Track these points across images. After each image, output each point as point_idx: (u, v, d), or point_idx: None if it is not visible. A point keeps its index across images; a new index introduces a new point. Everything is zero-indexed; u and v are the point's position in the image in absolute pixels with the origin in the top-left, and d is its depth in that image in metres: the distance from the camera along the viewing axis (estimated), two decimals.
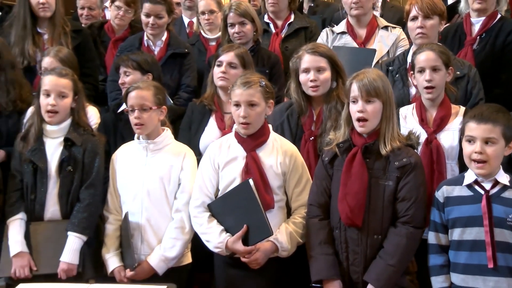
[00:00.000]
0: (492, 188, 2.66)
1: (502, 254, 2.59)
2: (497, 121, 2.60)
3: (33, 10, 4.18)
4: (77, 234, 3.16)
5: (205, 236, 3.02)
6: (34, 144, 3.23)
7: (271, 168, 3.00)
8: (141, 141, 3.22)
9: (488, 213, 2.62)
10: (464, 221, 2.68)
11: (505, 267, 2.59)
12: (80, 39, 4.33)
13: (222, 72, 3.46)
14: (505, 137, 2.61)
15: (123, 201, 3.25)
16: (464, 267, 2.68)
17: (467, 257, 2.67)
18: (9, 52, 3.86)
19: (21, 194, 3.26)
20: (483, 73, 3.44)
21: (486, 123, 2.60)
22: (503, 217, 2.60)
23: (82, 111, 3.37)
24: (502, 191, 2.65)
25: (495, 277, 2.60)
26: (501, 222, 2.61)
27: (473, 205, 2.66)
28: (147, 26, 4.17)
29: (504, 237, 2.60)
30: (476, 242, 2.64)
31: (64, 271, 3.12)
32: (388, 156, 2.80)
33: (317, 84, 3.21)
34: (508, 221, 2.60)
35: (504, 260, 2.59)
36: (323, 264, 2.85)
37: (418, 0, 3.50)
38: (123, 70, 3.71)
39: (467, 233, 2.67)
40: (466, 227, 2.67)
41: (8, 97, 3.64)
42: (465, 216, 2.68)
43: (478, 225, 2.63)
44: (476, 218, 2.64)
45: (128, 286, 2.66)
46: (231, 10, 3.97)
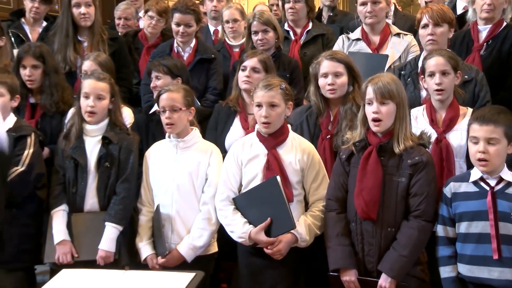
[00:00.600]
0: (497, 185, 2.66)
1: (506, 246, 2.59)
2: (498, 122, 2.60)
3: (75, 20, 4.23)
4: (114, 225, 3.19)
5: (229, 227, 3.04)
6: (75, 142, 3.28)
7: (290, 164, 3.01)
8: (172, 139, 3.24)
9: (493, 208, 2.61)
10: (470, 215, 2.68)
11: (509, 258, 2.59)
12: (116, 46, 4.36)
13: (246, 76, 3.47)
14: (507, 137, 2.61)
15: (155, 195, 3.27)
16: (470, 258, 2.67)
17: (473, 249, 2.66)
18: (53, 59, 3.92)
19: (64, 188, 3.30)
20: (490, 77, 3.43)
21: (488, 125, 2.60)
22: (507, 212, 2.60)
23: (118, 112, 3.39)
24: (507, 188, 2.64)
25: (500, 268, 2.59)
26: (505, 217, 2.60)
27: (479, 201, 2.66)
28: (177, 34, 4.18)
29: (508, 230, 2.60)
30: (481, 235, 2.63)
31: (102, 258, 3.17)
32: (401, 154, 2.81)
33: (334, 88, 3.22)
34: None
35: (508, 251, 2.59)
36: (340, 254, 2.86)
37: (429, 9, 3.50)
38: (154, 74, 3.72)
39: (473, 227, 2.66)
40: (472, 221, 2.67)
41: (52, 99, 3.71)
42: (471, 211, 2.68)
43: (484, 219, 2.63)
44: (481, 212, 2.64)
45: (159, 273, 2.68)
46: (254, 19, 3.97)
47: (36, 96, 3.78)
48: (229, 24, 4.45)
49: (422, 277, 2.89)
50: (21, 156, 3.21)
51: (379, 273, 2.80)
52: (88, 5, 4.22)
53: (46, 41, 4.26)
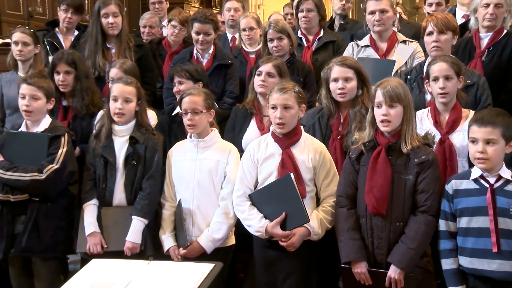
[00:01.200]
0: (496, 182, 2.65)
1: (505, 240, 2.58)
2: (496, 124, 2.59)
3: (103, 29, 4.26)
4: (140, 218, 3.21)
5: (246, 221, 3.04)
6: (105, 141, 3.30)
7: (303, 163, 3.01)
8: (193, 139, 3.24)
9: (492, 204, 2.61)
10: (471, 211, 2.67)
11: (508, 251, 2.58)
12: (142, 53, 4.38)
13: (262, 81, 3.46)
14: (505, 138, 2.60)
15: (177, 190, 3.28)
16: (471, 251, 2.66)
17: (474, 243, 2.65)
18: (84, 65, 3.94)
19: (94, 184, 3.32)
20: (491, 81, 3.41)
21: (486, 126, 2.60)
22: (506, 208, 2.59)
23: (144, 114, 3.41)
24: (505, 185, 2.63)
25: (499, 260, 2.58)
26: (504, 212, 2.59)
27: (479, 197, 2.65)
28: (197, 42, 4.18)
29: (507, 225, 2.59)
30: (481, 229, 2.62)
31: (129, 249, 3.19)
32: (408, 153, 2.80)
33: (344, 92, 3.21)
34: (511, 211, 2.58)
35: (507, 245, 2.58)
36: (351, 248, 2.85)
37: (433, 18, 3.48)
38: (177, 79, 3.71)
39: (474, 222, 2.65)
40: (473, 216, 2.66)
41: (83, 102, 3.73)
42: (472, 207, 2.67)
43: (484, 215, 2.62)
44: (481, 208, 2.63)
45: (181, 263, 2.69)
46: (270, 27, 3.96)
47: (68, 99, 3.80)
48: (246, 32, 4.46)
49: (427, 268, 2.89)
50: (56, 154, 3.25)
51: (388, 265, 2.80)
52: (116, 15, 4.25)
53: (78, 49, 4.31)
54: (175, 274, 2.03)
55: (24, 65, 4.19)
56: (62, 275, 3.43)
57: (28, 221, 3.27)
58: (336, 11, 5.64)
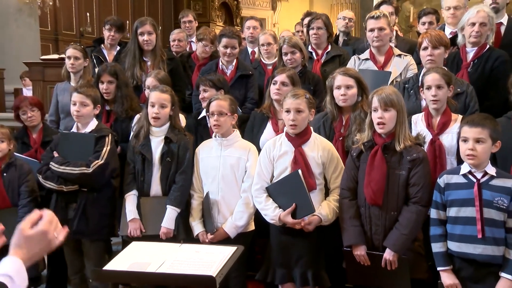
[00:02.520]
0: (482, 177, 2.63)
1: (488, 228, 2.57)
2: (485, 125, 2.59)
3: (140, 45, 4.30)
4: (173, 207, 3.23)
5: (263, 211, 3.06)
6: (143, 141, 3.32)
7: (313, 159, 3.01)
8: (217, 138, 3.25)
9: (478, 197, 2.60)
10: (460, 202, 2.66)
11: (491, 237, 2.57)
12: (173, 65, 4.40)
13: (277, 89, 3.46)
14: (492, 138, 2.59)
15: (204, 184, 3.29)
16: (459, 237, 2.65)
17: (462, 230, 2.64)
18: (124, 75, 3.98)
19: (134, 177, 3.35)
20: (475, 90, 3.39)
21: (476, 127, 2.59)
22: (490, 200, 2.58)
23: (177, 118, 3.43)
24: (490, 180, 2.62)
25: (483, 245, 2.58)
26: (488, 204, 2.58)
27: (467, 190, 2.64)
28: (225, 55, 4.18)
29: (491, 215, 2.58)
30: (468, 218, 2.62)
31: (164, 234, 3.21)
32: (402, 152, 2.80)
33: (346, 98, 3.20)
34: (494, 203, 2.57)
35: (490, 232, 2.57)
36: (352, 234, 2.87)
37: (428, 35, 3.46)
38: (202, 88, 3.72)
39: (462, 211, 2.64)
40: (461, 206, 2.65)
41: (123, 107, 3.77)
42: (460, 198, 2.66)
43: (471, 205, 2.61)
44: (469, 200, 2.62)
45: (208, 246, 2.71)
46: (284, 42, 3.96)
47: (111, 104, 3.85)
48: (264, 47, 4.45)
49: (419, 251, 2.89)
50: (101, 152, 3.28)
51: (384, 248, 2.81)
52: (150, 33, 4.28)
53: (119, 62, 4.36)
54: (203, 255, 2.03)
55: (75, 76, 4.27)
56: (107, 254, 3.46)
57: (78, 208, 3.31)
58: (340, 29, 5.61)
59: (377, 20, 3.85)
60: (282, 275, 3.03)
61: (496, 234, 2.57)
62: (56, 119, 4.32)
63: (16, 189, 3.43)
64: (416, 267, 2.86)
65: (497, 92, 3.55)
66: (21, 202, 3.41)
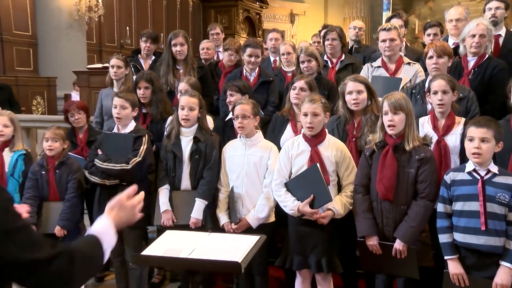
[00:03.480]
0: (485, 175, 2.59)
1: (491, 221, 2.53)
2: (490, 126, 2.55)
3: (173, 55, 4.31)
4: (202, 200, 3.24)
5: (282, 203, 3.03)
6: (174, 140, 3.33)
7: (328, 158, 2.98)
8: (242, 139, 3.24)
9: (482, 192, 2.56)
10: (465, 197, 2.62)
11: (493, 229, 2.53)
12: (202, 72, 4.40)
13: (296, 94, 3.44)
14: (495, 139, 2.55)
15: (230, 179, 3.28)
16: (464, 229, 2.61)
17: (466, 222, 2.60)
18: (159, 82, 3.99)
19: (166, 173, 3.35)
20: (476, 95, 3.34)
21: (482, 127, 2.55)
22: (493, 195, 2.54)
23: (205, 119, 3.42)
24: (493, 177, 2.57)
25: (486, 236, 2.54)
26: (491, 199, 2.54)
27: (472, 186, 2.60)
28: (249, 63, 4.17)
29: (493, 209, 2.53)
30: (473, 212, 2.58)
31: (193, 223, 3.22)
32: (410, 151, 2.77)
33: (357, 102, 3.16)
34: (497, 198, 2.53)
35: (492, 225, 2.53)
36: (365, 225, 2.84)
37: (433, 45, 3.43)
38: (229, 92, 3.72)
39: (467, 206, 2.60)
40: (466, 201, 2.61)
41: (158, 110, 3.79)
42: (465, 194, 2.62)
43: (475, 200, 2.57)
44: (473, 195, 2.58)
45: (233, 235, 2.71)
46: (302, 52, 3.94)
47: (147, 108, 3.86)
48: (284, 56, 4.43)
49: (426, 241, 2.86)
50: (139, 150, 3.29)
51: (394, 239, 2.78)
52: (182, 44, 4.29)
53: (154, 70, 4.37)
54: (230, 243, 2.03)
55: (118, 83, 4.31)
56: (144, 241, 3.49)
57: None
58: (351, 38, 5.57)
59: (388, 32, 3.82)
60: (299, 261, 3.01)
61: (498, 227, 2.54)
62: (101, 121, 4.36)
63: (65, 185, 3.47)
64: (423, 256, 2.83)
65: (495, 97, 3.53)
66: (67, 197, 3.45)
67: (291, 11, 14.52)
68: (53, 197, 3.45)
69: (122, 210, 1.48)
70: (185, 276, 3.41)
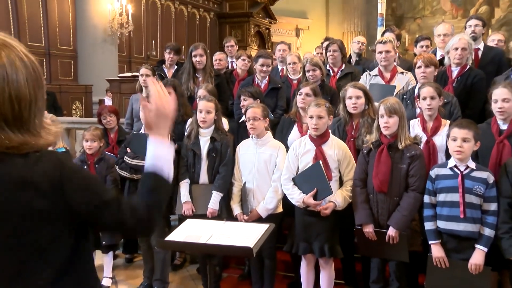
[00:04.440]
0: (465, 170, 2.62)
1: (469, 209, 2.58)
2: (470, 128, 2.59)
3: (194, 65, 4.31)
4: (218, 192, 3.24)
5: (290, 196, 3.03)
6: (194, 140, 3.33)
7: (331, 156, 2.98)
8: (253, 139, 3.24)
9: (462, 185, 2.59)
10: (447, 189, 2.65)
11: (471, 217, 2.59)
12: (219, 80, 4.40)
13: (302, 99, 3.43)
14: (474, 139, 2.59)
15: (243, 175, 3.27)
16: (446, 217, 2.65)
17: (448, 211, 2.64)
18: (180, 88, 4.01)
19: (187, 169, 3.35)
20: (458, 100, 3.35)
21: (464, 129, 2.58)
22: (470, 188, 2.59)
23: (220, 121, 3.42)
24: (471, 172, 2.61)
25: (464, 223, 2.59)
26: (469, 191, 2.59)
27: (453, 180, 2.63)
28: (261, 71, 4.17)
29: (471, 199, 2.58)
30: (453, 202, 2.62)
31: (210, 213, 3.22)
32: (403, 149, 2.78)
33: (356, 106, 3.16)
34: (474, 190, 2.58)
35: (470, 213, 2.58)
36: (362, 215, 2.85)
37: (421, 57, 3.44)
38: (242, 97, 3.72)
39: (449, 197, 2.63)
40: (448, 193, 2.64)
41: (179, 113, 3.76)
42: (447, 186, 2.64)
43: (456, 192, 2.61)
44: (454, 188, 2.61)
45: (245, 224, 2.71)
46: (308, 62, 3.93)
47: None
48: (291, 65, 4.41)
49: (415, 228, 2.86)
50: None
51: (388, 227, 2.78)
52: (201, 55, 4.28)
53: (177, 78, 4.38)
54: (242, 231, 2.05)
55: (146, 89, 4.33)
56: (167, 227, 3.49)
57: None
58: (354, 50, 5.55)
59: (384, 45, 3.80)
60: (304, 247, 3.01)
61: (475, 215, 2.59)
62: (131, 122, 4.41)
63: (103, 178, 3.51)
64: (413, 241, 2.83)
65: (475, 102, 3.55)
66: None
67: (296, 26, 14.50)
68: None
69: (158, 120, 1.21)
70: (203, 259, 3.42)
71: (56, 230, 1.07)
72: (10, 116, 1.02)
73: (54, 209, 1.05)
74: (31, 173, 1.02)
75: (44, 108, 1.12)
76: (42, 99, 1.09)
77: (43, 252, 1.05)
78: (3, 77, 1.01)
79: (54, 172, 1.05)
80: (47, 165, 1.05)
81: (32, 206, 1.02)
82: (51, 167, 1.05)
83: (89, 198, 1.09)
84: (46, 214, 1.04)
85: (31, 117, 1.06)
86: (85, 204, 1.09)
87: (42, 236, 1.05)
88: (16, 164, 1.02)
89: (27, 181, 1.02)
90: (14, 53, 1.04)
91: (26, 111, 1.04)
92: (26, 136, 1.05)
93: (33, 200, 1.02)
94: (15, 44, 1.06)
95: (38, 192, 1.02)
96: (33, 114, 1.06)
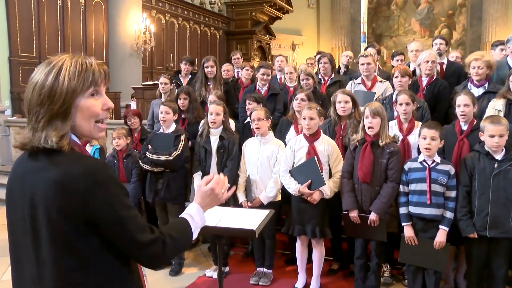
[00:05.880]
0: (431, 164, 2.62)
1: (434, 197, 2.60)
2: (437, 128, 2.61)
3: (205, 74, 4.28)
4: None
5: (287, 186, 3.01)
6: (205, 138, 3.32)
7: (321, 152, 2.96)
8: (258, 137, 3.22)
9: (428, 176, 2.60)
10: (417, 180, 2.65)
11: (435, 203, 2.61)
12: (227, 87, 4.37)
13: (298, 103, 3.40)
14: (440, 138, 2.60)
15: (247, 168, 3.25)
16: (415, 203, 2.66)
17: (418, 198, 2.65)
18: (194, 94, 3.98)
19: (199, 163, 3.34)
20: (428, 105, 3.35)
21: (432, 129, 2.59)
22: (436, 178, 2.61)
23: (228, 122, 3.39)
24: (437, 165, 2.63)
25: (430, 208, 2.62)
26: (435, 181, 2.61)
27: (422, 172, 2.64)
28: (262, 80, 4.15)
29: (436, 188, 2.60)
30: (422, 191, 2.63)
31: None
32: (383, 146, 2.76)
33: (345, 109, 3.13)
34: (438, 181, 2.60)
35: (435, 200, 2.60)
36: (349, 202, 2.84)
37: (398, 68, 3.43)
38: (247, 102, 3.68)
39: (418, 186, 2.64)
40: (418, 183, 2.65)
41: (193, 115, 3.78)
42: (417, 177, 2.65)
43: (424, 182, 2.62)
44: (422, 179, 2.63)
45: (249, 210, 2.70)
46: (302, 72, 3.91)
47: (185, 113, 3.85)
48: (288, 75, 4.39)
49: (393, 213, 2.83)
50: (178, 145, 3.29)
51: (369, 212, 2.77)
52: (212, 66, 4.25)
53: (191, 85, 4.34)
54: (247, 216, 2.03)
55: (164, 95, 4.32)
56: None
57: (164, 182, 3.34)
58: (343, 63, 5.51)
59: (366, 58, 3.79)
60: (299, 229, 3.00)
61: (439, 201, 2.61)
62: (152, 123, 4.37)
63: (130, 171, 3.51)
64: (390, 224, 2.82)
65: (440, 107, 3.56)
66: (132, 180, 3.49)
67: (292, 41, 14.52)
68: (122, 179, 3.47)
69: (203, 195, 1.28)
70: (213, 239, 3.42)
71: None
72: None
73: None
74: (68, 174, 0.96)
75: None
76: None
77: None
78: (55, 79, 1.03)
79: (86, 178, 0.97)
80: (81, 169, 0.98)
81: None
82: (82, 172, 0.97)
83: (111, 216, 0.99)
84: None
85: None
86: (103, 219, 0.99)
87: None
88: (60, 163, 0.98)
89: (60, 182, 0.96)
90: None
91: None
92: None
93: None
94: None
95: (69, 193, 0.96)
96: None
